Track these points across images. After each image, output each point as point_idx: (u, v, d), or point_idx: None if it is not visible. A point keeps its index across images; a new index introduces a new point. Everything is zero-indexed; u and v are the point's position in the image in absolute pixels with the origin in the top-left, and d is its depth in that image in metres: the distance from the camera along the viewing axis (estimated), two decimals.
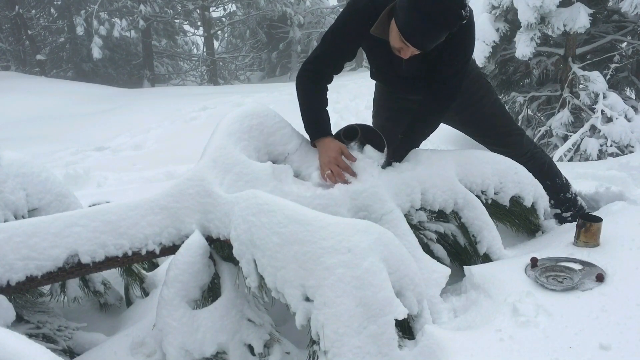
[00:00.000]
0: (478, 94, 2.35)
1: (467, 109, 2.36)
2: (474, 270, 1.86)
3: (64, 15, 18.41)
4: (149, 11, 16.99)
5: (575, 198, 2.57)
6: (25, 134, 7.31)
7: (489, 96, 2.41)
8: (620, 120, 5.39)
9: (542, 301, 1.61)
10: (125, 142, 6.76)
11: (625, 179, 3.24)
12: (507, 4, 5.76)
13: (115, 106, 9.41)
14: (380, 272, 1.49)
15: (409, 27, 1.82)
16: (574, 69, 5.83)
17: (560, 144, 6.04)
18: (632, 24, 6.11)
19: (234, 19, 20.50)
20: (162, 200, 1.78)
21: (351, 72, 17.69)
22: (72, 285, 2.06)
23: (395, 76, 2.21)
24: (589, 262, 1.79)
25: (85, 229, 1.68)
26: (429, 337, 1.51)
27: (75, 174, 4.79)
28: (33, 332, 1.81)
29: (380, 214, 1.89)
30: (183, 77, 21.73)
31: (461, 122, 2.49)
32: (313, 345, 1.48)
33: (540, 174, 2.35)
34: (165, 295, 1.68)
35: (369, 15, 1.98)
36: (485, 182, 2.16)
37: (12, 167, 1.97)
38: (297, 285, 1.48)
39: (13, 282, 1.58)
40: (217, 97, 9.74)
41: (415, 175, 2.02)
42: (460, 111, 2.38)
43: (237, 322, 1.69)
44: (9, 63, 17.83)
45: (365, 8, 1.99)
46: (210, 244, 1.78)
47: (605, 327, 1.49)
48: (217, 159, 1.87)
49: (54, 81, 13.77)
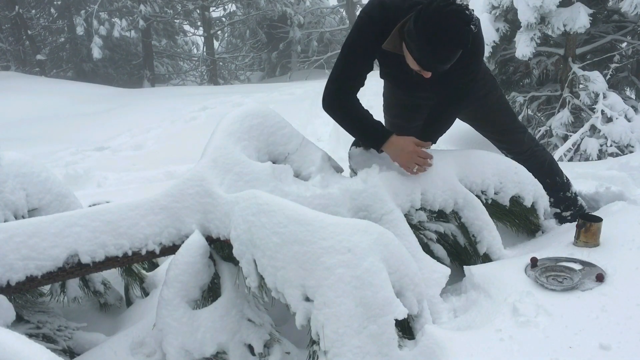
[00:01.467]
0: (484, 89, 2.36)
1: (473, 104, 2.36)
2: (474, 270, 1.86)
3: (64, 15, 18.40)
4: (149, 11, 16.98)
5: (576, 197, 2.57)
6: (25, 134, 7.31)
7: (494, 92, 2.42)
8: (620, 120, 5.39)
9: (542, 301, 1.61)
10: (125, 142, 6.76)
11: (625, 179, 3.23)
12: (507, 4, 5.76)
13: (115, 106, 9.40)
14: (380, 272, 1.49)
15: (424, 58, 1.84)
16: (574, 69, 5.83)
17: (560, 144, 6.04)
18: (632, 24, 6.11)
19: (234, 19, 20.48)
20: (162, 200, 1.78)
21: None
22: (72, 285, 2.06)
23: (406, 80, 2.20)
24: (589, 262, 1.79)
25: (85, 229, 1.68)
26: (429, 337, 1.51)
27: (75, 174, 4.79)
28: (33, 332, 1.81)
29: (380, 214, 1.89)
30: (183, 77, 21.71)
31: (467, 115, 2.50)
32: (313, 345, 1.48)
33: (540, 172, 2.35)
34: (165, 295, 1.68)
35: (382, 28, 1.96)
36: (485, 182, 2.16)
37: (12, 167, 1.97)
38: (297, 285, 1.48)
39: (13, 282, 1.58)
40: (217, 97, 9.74)
41: (415, 175, 2.02)
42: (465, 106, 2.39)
43: (237, 322, 1.69)
44: (9, 63, 17.81)
45: (379, 18, 1.96)
46: (210, 244, 1.78)
47: (605, 327, 1.49)
48: (217, 159, 1.87)
49: (54, 81, 13.76)
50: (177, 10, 19.05)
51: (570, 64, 5.89)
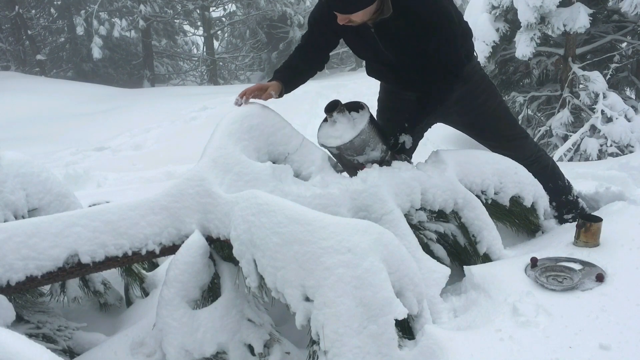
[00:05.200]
0: (481, 97, 2.34)
1: (471, 112, 2.35)
2: (474, 270, 1.86)
3: (64, 15, 18.39)
4: (149, 11, 16.98)
5: (577, 200, 2.56)
6: (25, 134, 7.31)
7: (492, 99, 2.39)
8: (620, 120, 5.40)
9: (542, 301, 1.61)
10: (125, 142, 6.77)
11: (625, 179, 3.24)
12: (507, 4, 5.76)
13: (115, 106, 9.41)
14: (380, 272, 1.49)
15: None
16: (574, 69, 5.83)
17: (560, 144, 6.04)
18: (632, 24, 6.11)
19: (234, 19, 20.48)
20: (162, 200, 1.78)
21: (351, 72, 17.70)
22: (72, 285, 2.06)
23: (382, 64, 2.23)
24: (589, 262, 1.79)
25: (85, 229, 1.68)
26: (429, 337, 1.51)
27: (75, 174, 4.79)
28: (33, 332, 1.81)
29: (380, 214, 1.89)
30: (183, 77, 21.70)
31: (464, 124, 2.48)
32: (313, 345, 1.48)
33: (543, 177, 2.34)
34: (165, 295, 1.68)
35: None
36: (485, 182, 2.15)
37: (12, 167, 1.97)
38: (297, 285, 1.48)
39: (13, 282, 1.58)
40: (217, 97, 9.75)
41: (415, 175, 2.02)
42: (463, 114, 2.37)
43: (237, 322, 1.69)
44: (9, 63, 17.81)
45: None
46: (210, 244, 1.78)
47: (605, 327, 1.49)
48: (217, 159, 1.87)
49: (54, 81, 13.77)
50: (177, 10, 19.04)
51: (570, 64, 5.90)
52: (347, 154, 2.03)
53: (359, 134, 1.98)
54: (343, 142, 2.00)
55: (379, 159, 2.07)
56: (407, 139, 2.12)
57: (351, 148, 2.01)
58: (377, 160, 2.06)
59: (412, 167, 2.10)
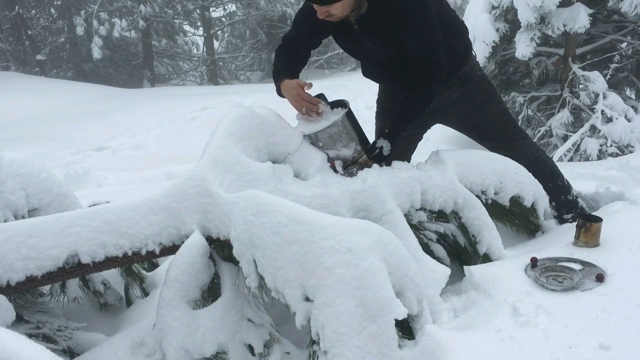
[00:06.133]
0: (480, 98, 2.33)
1: (470, 113, 2.35)
2: (474, 270, 1.86)
3: (64, 15, 18.39)
4: (149, 11, 16.97)
5: (576, 200, 2.57)
6: (25, 134, 7.30)
7: (491, 100, 2.38)
8: (620, 120, 5.40)
9: (542, 301, 1.61)
10: (125, 142, 6.76)
11: (625, 179, 3.24)
12: (507, 4, 5.76)
13: (115, 106, 9.40)
14: (380, 272, 1.49)
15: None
16: (574, 69, 5.83)
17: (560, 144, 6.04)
18: (632, 24, 6.11)
19: (234, 19, 20.47)
20: (162, 200, 1.78)
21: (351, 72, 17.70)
22: (72, 285, 2.06)
23: (375, 64, 2.23)
24: (589, 262, 1.79)
25: (85, 229, 1.68)
26: (429, 337, 1.51)
27: (75, 174, 4.79)
28: (33, 332, 1.81)
29: (380, 214, 1.89)
30: (183, 77, 21.69)
31: (463, 126, 2.48)
32: (313, 345, 1.48)
33: (543, 177, 2.34)
34: (165, 295, 1.68)
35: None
36: (485, 182, 2.16)
37: (12, 167, 1.97)
38: (297, 285, 1.48)
39: (13, 282, 1.58)
40: (217, 97, 9.74)
41: (415, 175, 2.02)
42: (462, 115, 2.37)
43: (237, 322, 1.70)
44: (9, 63, 17.80)
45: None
46: (210, 244, 1.78)
47: (605, 327, 1.49)
48: (217, 159, 1.87)
49: (54, 81, 13.76)
50: (177, 10, 19.04)
51: (570, 64, 5.90)
52: (318, 145, 2.09)
53: (329, 126, 2.03)
54: (312, 131, 2.06)
55: (350, 158, 2.10)
56: (385, 144, 2.09)
57: (321, 139, 2.07)
58: (347, 158, 2.10)
59: (412, 167, 2.10)
